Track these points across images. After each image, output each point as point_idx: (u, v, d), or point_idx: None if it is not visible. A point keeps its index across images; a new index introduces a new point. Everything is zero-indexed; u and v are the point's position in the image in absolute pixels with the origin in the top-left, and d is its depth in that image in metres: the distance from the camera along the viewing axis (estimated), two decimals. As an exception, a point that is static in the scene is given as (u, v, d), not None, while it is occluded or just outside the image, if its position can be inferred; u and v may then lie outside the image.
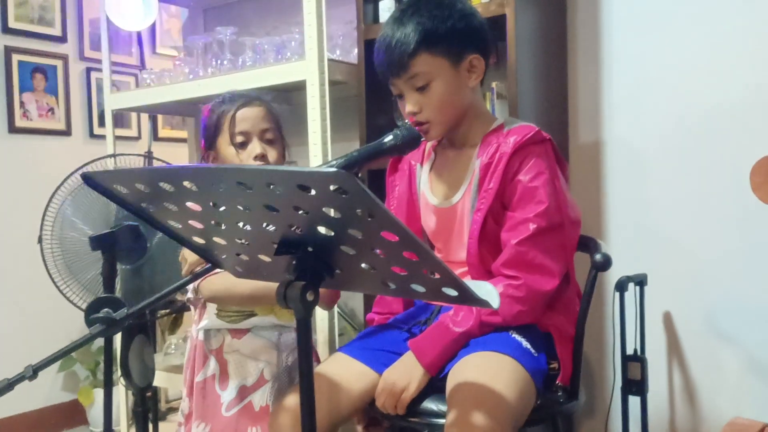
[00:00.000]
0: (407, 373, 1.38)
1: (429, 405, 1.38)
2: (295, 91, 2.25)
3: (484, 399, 1.25)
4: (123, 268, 1.93)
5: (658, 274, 2.02)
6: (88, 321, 1.26)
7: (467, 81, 1.48)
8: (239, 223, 1.00)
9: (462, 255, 1.50)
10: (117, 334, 1.90)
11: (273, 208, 0.92)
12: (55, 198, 1.99)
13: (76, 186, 1.98)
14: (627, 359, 1.96)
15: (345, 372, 1.46)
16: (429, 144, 1.63)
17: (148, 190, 1.01)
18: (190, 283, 1.54)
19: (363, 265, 1.01)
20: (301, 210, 0.91)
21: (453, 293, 1.00)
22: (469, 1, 1.95)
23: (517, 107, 1.88)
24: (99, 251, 1.76)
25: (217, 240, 1.10)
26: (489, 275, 1.46)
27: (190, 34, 2.92)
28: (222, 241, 1.10)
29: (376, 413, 1.45)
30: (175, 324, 3.31)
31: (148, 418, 1.87)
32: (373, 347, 1.51)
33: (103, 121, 2.86)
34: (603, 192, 2.15)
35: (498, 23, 1.87)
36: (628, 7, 2.09)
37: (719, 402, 1.99)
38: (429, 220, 1.59)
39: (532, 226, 1.40)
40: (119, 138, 2.84)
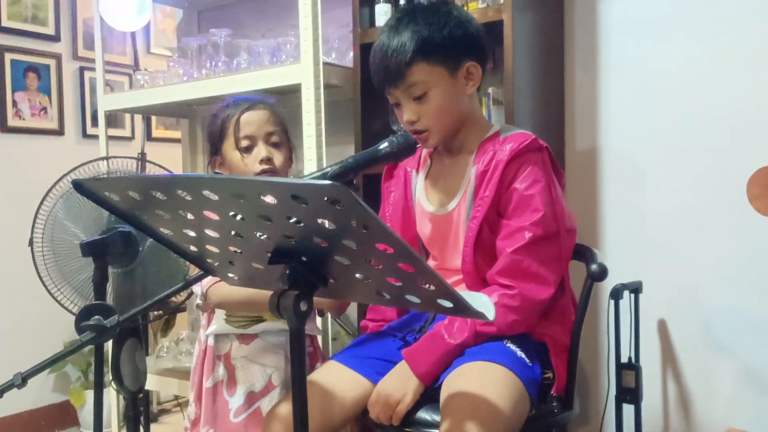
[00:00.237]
0: (402, 385, 1.37)
1: (423, 415, 1.37)
2: (290, 95, 2.23)
3: (477, 409, 1.24)
4: (115, 271, 1.92)
5: (653, 282, 2.02)
6: (78, 329, 1.24)
7: (465, 88, 1.47)
8: (232, 232, 0.99)
9: (457, 262, 1.49)
10: (108, 341, 1.89)
11: (267, 218, 0.91)
12: (47, 200, 1.96)
13: (67, 188, 1.95)
14: (621, 367, 1.95)
15: (338, 380, 1.45)
16: (425, 151, 1.62)
17: (140, 198, 1.00)
18: (182, 290, 1.52)
19: (357, 276, 1.00)
20: (296, 220, 0.90)
21: (448, 304, 0.99)
22: (465, 7, 1.94)
23: (514, 113, 1.87)
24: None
25: (210, 248, 1.08)
26: (484, 283, 1.45)
27: (184, 34, 2.91)
28: (215, 249, 1.08)
29: (369, 422, 1.44)
30: (168, 326, 3.30)
31: (139, 422, 1.85)
32: (367, 355, 1.50)
33: (97, 121, 2.84)
34: (599, 199, 2.15)
35: (495, 29, 1.86)
36: (625, 14, 2.08)
37: (713, 411, 1.98)
38: (424, 227, 1.58)
39: (527, 234, 1.39)
40: (112, 138, 2.82)
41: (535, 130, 1.55)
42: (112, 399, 2.68)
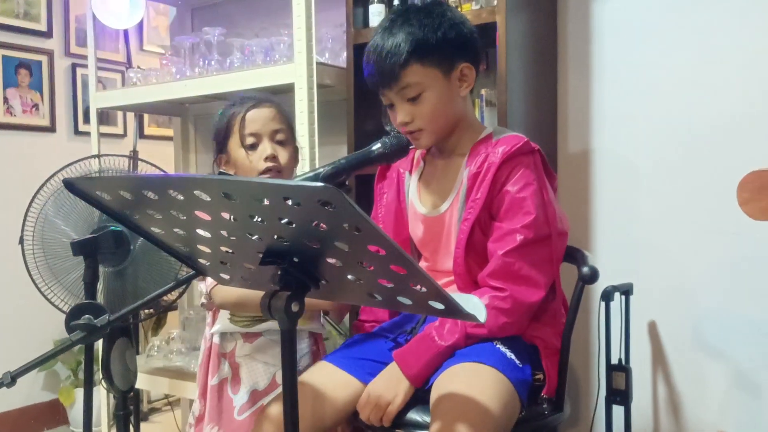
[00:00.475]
0: (392, 386, 1.37)
1: (413, 416, 1.37)
2: (283, 94, 2.23)
3: (467, 410, 1.24)
4: (105, 270, 1.91)
5: (644, 283, 2.02)
6: (68, 327, 1.24)
7: (458, 90, 1.47)
8: (224, 232, 0.99)
9: (449, 264, 1.49)
10: (98, 341, 1.88)
11: (259, 219, 0.91)
12: (37, 198, 1.96)
13: (58, 187, 1.95)
14: (612, 368, 1.96)
15: (330, 381, 1.45)
16: (418, 152, 1.62)
17: (131, 197, 1.00)
18: (173, 290, 1.52)
19: (349, 277, 1.00)
20: (288, 221, 0.89)
21: (439, 306, 0.99)
22: (459, 9, 1.94)
23: (507, 115, 1.87)
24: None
25: (202, 248, 1.08)
26: (475, 285, 1.45)
27: (177, 33, 2.89)
28: (207, 250, 1.08)
29: (360, 423, 1.44)
30: (159, 325, 3.29)
31: (129, 420, 1.85)
32: (358, 356, 1.50)
33: (88, 118, 2.82)
34: (590, 201, 2.15)
35: (488, 30, 1.86)
36: (618, 17, 2.09)
37: (703, 413, 1.99)
38: (417, 228, 1.58)
39: (519, 237, 1.39)
40: (104, 135, 2.81)
41: (528, 132, 1.55)
42: (102, 398, 2.67)
